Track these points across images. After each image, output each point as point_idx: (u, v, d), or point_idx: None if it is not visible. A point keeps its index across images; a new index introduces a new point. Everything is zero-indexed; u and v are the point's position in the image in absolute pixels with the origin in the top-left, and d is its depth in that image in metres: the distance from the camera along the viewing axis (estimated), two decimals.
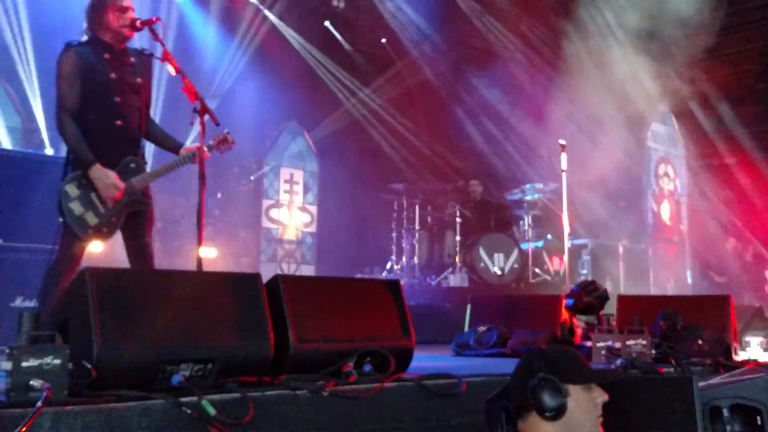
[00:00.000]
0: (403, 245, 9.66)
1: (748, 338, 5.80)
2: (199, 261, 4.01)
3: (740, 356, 4.97)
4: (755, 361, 4.68)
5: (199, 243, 4.00)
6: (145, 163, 4.35)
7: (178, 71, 4.09)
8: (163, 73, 7.31)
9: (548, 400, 2.35)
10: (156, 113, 8.48)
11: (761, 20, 12.26)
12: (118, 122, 4.17)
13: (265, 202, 10.92)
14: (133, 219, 4.23)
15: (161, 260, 8.52)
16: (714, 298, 5.41)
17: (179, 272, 3.17)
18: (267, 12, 11.21)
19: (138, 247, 4.27)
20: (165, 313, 2.70)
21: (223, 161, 10.07)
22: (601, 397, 2.45)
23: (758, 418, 3.43)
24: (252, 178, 10.52)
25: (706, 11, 11.24)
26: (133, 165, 4.22)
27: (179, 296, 2.81)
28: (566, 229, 7.76)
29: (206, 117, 4.05)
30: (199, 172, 4.04)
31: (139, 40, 4.69)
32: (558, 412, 2.35)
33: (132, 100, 4.23)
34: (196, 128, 4.05)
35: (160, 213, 9.12)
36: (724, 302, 5.07)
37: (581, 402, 2.39)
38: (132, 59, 4.28)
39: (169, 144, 4.47)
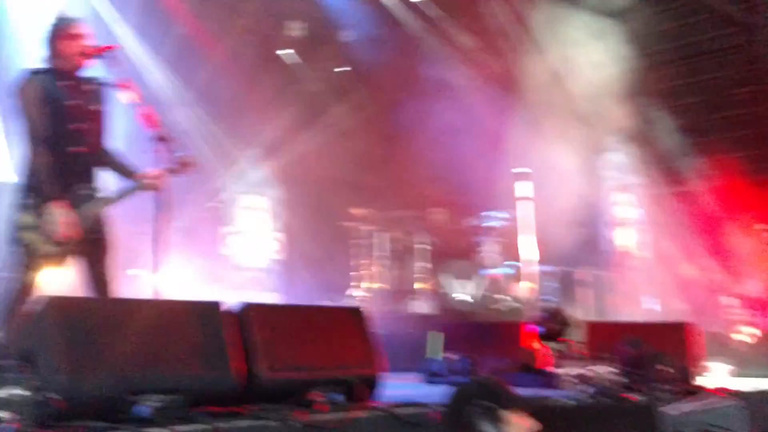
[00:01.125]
0: (367, 272, 9.60)
1: (709, 364, 5.88)
2: (157, 290, 3.93)
3: (702, 382, 5.01)
4: (721, 388, 4.72)
5: (157, 271, 3.92)
6: (101, 190, 4.26)
7: (135, 98, 4.07)
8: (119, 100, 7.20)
9: (487, 427, 2.39)
10: (113, 141, 8.38)
11: (718, 51, 12.69)
12: (76, 149, 4.12)
13: (226, 230, 10.76)
14: (88, 247, 4.14)
15: (117, 289, 8.32)
16: (677, 324, 5.47)
17: (143, 301, 3.11)
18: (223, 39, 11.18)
19: (94, 275, 4.18)
20: (130, 342, 2.64)
21: (182, 188, 9.91)
22: (534, 426, 2.49)
23: None
24: (212, 205, 10.38)
25: (663, 43, 11.62)
26: (88, 192, 4.17)
27: (144, 325, 2.75)
28: (531, 256, 7.80)
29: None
30: (157, 200, 3.99)
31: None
32: None
33: (90, 127, 4.20)
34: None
35: (116, 240, 8.93)
36: (686, 329, 5.13)
37: (517, 429, 2.43)
38: (90, 86, 4.26)
39: (125, 170, 4.40)
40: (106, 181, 4.44)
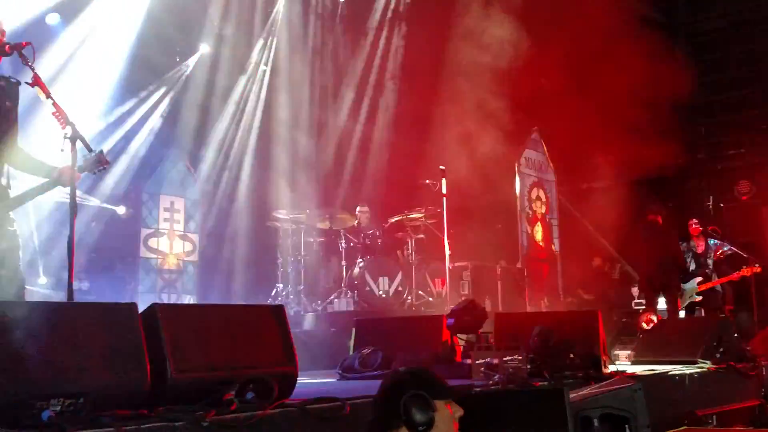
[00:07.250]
0: (289, 271, 9.59)
1: (616, 351, 6.17)
2: (71, 293, 3.86)
3: (609, 369, 5.25)
4: (623, 372, 4.97)
5: (70, 274, 3.84)
6: (11, 187, 4.17)
7: (48, 96, 4.00)
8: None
9: (419, 415, 2.51)
10: (27, 140, 8.11)
11: (631, 53, 13.19)
12: None
13: (144, 231, 10.54)
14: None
15: (29, 293, 8.07)
16: (584, 313, 5.69)
17: (49, 304, 3.05)
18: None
19: (7, 278, 4.05)
20: (34, 346, 2.60)
21: (98, 188, 9.68)
22: (458, 411, 2.63)
23: (626, 426, 3.66)
24: (128, 206, 10.16)
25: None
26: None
27: (49, 329, 2.72)
28: (447, 252, 7.96)
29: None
30: (70, 200, 3.92)
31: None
32: (428, 426, 2.51)
33: (1, 124, 4.06)
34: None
35: (26, 243, 8.64)
36: (593, 317, 5.35)
37: (444, 416, 2.57)
38: (1, 83, 4.12)
39: (37, 168, 4.29)
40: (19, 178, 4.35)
